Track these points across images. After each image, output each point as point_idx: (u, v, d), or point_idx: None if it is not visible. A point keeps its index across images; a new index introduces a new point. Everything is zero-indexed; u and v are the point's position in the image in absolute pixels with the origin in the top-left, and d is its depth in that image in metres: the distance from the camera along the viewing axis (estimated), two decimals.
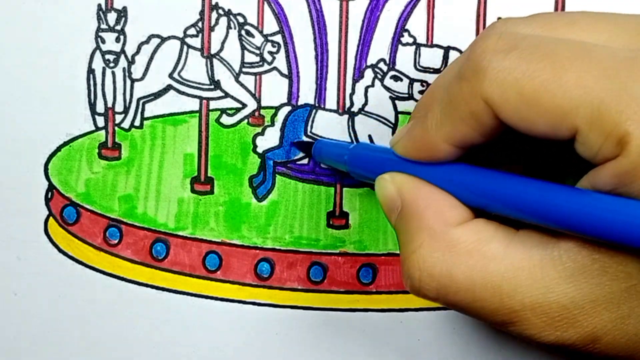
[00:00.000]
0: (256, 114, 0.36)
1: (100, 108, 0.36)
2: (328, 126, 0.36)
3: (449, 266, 0.25)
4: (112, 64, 0.36)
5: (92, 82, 0.36)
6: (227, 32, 0.36)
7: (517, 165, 0.28)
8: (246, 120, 0.37)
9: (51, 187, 0.37)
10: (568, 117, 0.21)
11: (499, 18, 0.35)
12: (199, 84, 0.36)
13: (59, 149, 0.37)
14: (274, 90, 0.36)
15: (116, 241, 0.37)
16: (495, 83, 0.23)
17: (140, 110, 0.36)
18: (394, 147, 0.28)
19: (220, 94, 0.36)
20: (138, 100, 0.36)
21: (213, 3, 0.36)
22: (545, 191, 0.23)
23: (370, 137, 0.36)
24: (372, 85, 0.36)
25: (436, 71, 0.36)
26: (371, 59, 0.36)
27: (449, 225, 0.25)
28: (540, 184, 0.23)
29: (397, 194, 0.27)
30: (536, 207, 0.23)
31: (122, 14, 0.36)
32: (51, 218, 0.37)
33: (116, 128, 0.37)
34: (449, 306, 0.26)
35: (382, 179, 0.28)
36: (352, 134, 0.36)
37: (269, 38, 0.36)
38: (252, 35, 0.36)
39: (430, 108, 0.26)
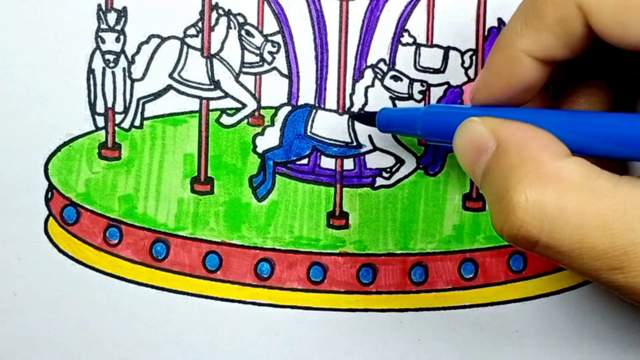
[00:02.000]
0: (256, 114, 0.36)
1: (100, 108, 0.36)
2: (328, 126, 0.36)
3: (559, 198, 0.23)
4: (112, 64, 0.36)
5: (92, 82, 0.36)
6: (227, 32, 0.36)
7: (600, 97, 0.27)
8: (246, 120, 0.37)
9: (51, 187, 0.37)
10: None
11: (499, 19, 0.35)
12: (199, 84, 0.36)
13: (59, 149, 0.37)
14: (274, 90, 0.36)
15: (116, 241, 0.37)
16: None
17: (140, 110, 0.36)
18: (474, 95, 0.27)
19: (220, 94, 0.36)
20: (138, 100, 0.36)
21: (213, 3, 0.36)
22: None
23: (370, 137, 0.36)
24: (372, 85, 0.36)
25: (436, 71, 0.36)
26: (371, 59, 0.36)
27: (555, 156, 0.23)
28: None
29: (489, 134, 0.25)
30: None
31: (122, 14, 0.36)
32: (51, 218, 0.37)
33: (116, 128, 0.37)
34: (548, 249, 0.23)
35: (471, 120, 0.26)
36: (352, 134, 0.36)
37: (269, 38, 0.36)
38: (252, 35, 0.36)
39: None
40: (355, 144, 0.36)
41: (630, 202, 0.22)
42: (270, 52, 0.36)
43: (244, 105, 0.36)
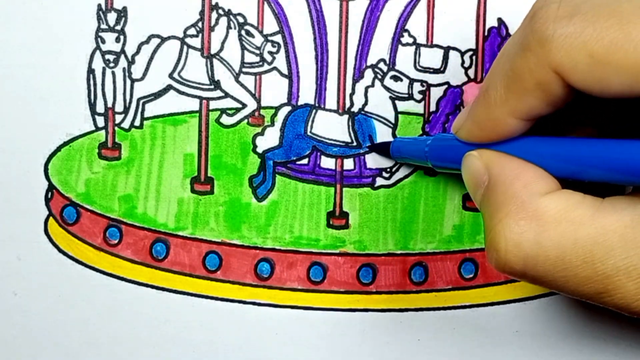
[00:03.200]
0: (256, 114, 0.36)
1: (100, 108, 0.36)
2: (328, 126, 0.36)
3: (537, 234, 0.24)
4: (112, 64, 0.36)
5: (92, 82, 0.36)
6: (227, 32, 0.36)
7: (585, 129, 0.28)
8: (246, 120, 0.37)
9: (51, 187, 0.37)
10: None
11: (499, 19, 0.35)
12: (199, 84, 0.36)
13: (59, 149, 0.37)
14: (274, 90, 0.36)
15: (116, 241, 0.37)
16: (563, 50, 0.22)
17: (140, 110, 0.36)
18: (457, 134, 0.28)
19: (220, 94, 0.36)
20: (138, 100, 0.36)
21: (213, 3, 0.36)
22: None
23: (370, 137, 0.36)
24: (372, 85, 0.36)
25: (436, 71, 0.36)
26: (371, 59, 0.36)
27: (536, 195, 0.25)
28: (629, 142, 0.23)
29: (484, 169, 0.27)
30: (632, 165, 0.22)
31: (122, 14, 0.36)
32: (51, 218, 0.37)
33: (116, 128, 0.37)
34: (535, 281, 0.25)
35: (470, 155, 0.27)
36: (352, 134, 0.36)
37: (269, 38, 0.36)
38: (252, 35, 0.36)
39: (491, 85, 0.25)
40: (355, 144, 0.36)
41: (610, 226, 0.23)
42: (270, 52, 0.36)
43: (244, 105, 0.36)
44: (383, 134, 0.36)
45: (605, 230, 0.23)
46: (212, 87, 0.36)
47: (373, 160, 0.36)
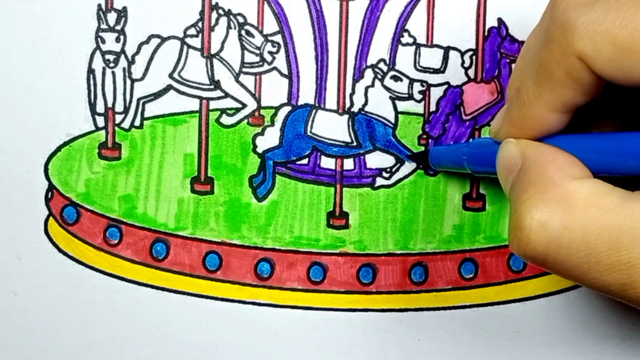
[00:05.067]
0: (256, 114, 0.36)
1: (100, 108, 0.36)
2: (328, 126, 0.36)
3: (564, 215, 0.23)
4: (112, 64, 0.36)
5: (92, 82, 0.36)
6: (227, 32, 0.36)
7: (613, 125, 0.28)
8: (246, 120, 0.37)
9: (51, 187, 0.37)
10: None
11: (499, 19, 0.35)
12: (199, 84, 0.36)
13: (59, 149, 0.36)
14: (274, 90, 0.36)
15: (116, 241, 0.37)
16: (587, 37, 0.22)
17: (140, 110, 0.36)
18: (496, 137, 0.28)
19: (220, 94, 0.36)
20: (138, 100, 0.36)
21: (213, 3, 0.36)
22: None
23: (370, 136, 0.36)
24: (372, 85, 0.36)
25: (436, 71, 0.36)
26: (371, 59, 0.36)
27: (567, 178, 0.24)
28: None
29: (518, 154, 0.26)
30: None
31: (122, 14, 0.36)
32: (51, 218, 0.37)
33: (116, 128, 0.37)
34: (556, 265, 0.24)
35: (507, 141, 0.27)
36: (352, 134, 0.36)
37: (269, 38, 0.36)
38: (252, 35, 0.36)
39: (522, 82, 0.25)
40: (355, 144, 0.36)
41: (638, 215, 0.23)
42: (270, 52, 0.36)
43: (244, 105, 0.36)
44: (383, 133, 0.36)
45: (633, 220, 0.23)
46: (212, 87, 0.36)
47: (373, 160, 0.36)
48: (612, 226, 0.23)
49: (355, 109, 0.36)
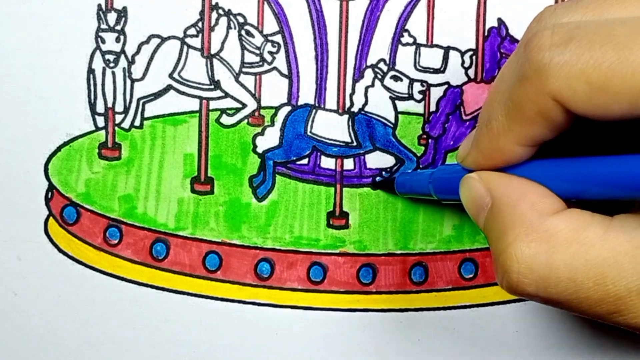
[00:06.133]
0: (256, 114, 0.36)
1: (100, 108, 0.36)
2: (328, 126, 0.36)
3: (548, 256, 0.24)
4: (112, 64, 0.36)
5: (92, 82, 0.36)
6: (227, 32, 0.36)
7: (584, 149, 0.28)
8: (246, 120, 0.37)
9: (51, 187, 0.37)
10: None
11: (499, 19, 0.35)
12: (199, 84, 0.36)
13: (59, 149, 0.37)
14: (274, 90, 0.36)
15: (116, 241, 0.37)
16: (561, 78, 0.22)
17: (140, 110, 0.36)
18: (463, 163, 0.28)
19: (220, 94, 0.36)
20: (138, 100, 0.36)
21: (213, 3, 0.36)
22: None
23: (370, 136, 0.36)
24: (372, 85, 0.36)
25: (436, 71, 0.36)
26: (371, 59, 0.36)
27: (544, 215, 0.24)
28: (630, 157, 0.22)
29: (485, 191, 0.26)
30: (635, 179, 0.22)
31: (122, 14, 0.36)
32: (51, 218, 0.37)
33: (116, 128, 0.37)
34: (548, 302, 0.25)
35: (469, 177, 0.27)
36: (352, 134, 0.36)
37: (269, 38, 0.36)
38: (252, 35, 0.36)
39: (493, 113, 0.26)
40: (355, 144, 0.36)
41: (621, 247, 0.23)
42: (270, 52, 0.36)
43: (244, 105, 0.36)
44: (383, 133, 0.36)
45: (615, 252, 0.23)
46: (212, 87, 0.36)
47: (373, 160, 0.36)
48: (596, 261, 0.23)
49: (355, 109, 0.36)
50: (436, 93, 0.36)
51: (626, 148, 0.26)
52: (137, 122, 0.37)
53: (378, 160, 0.36)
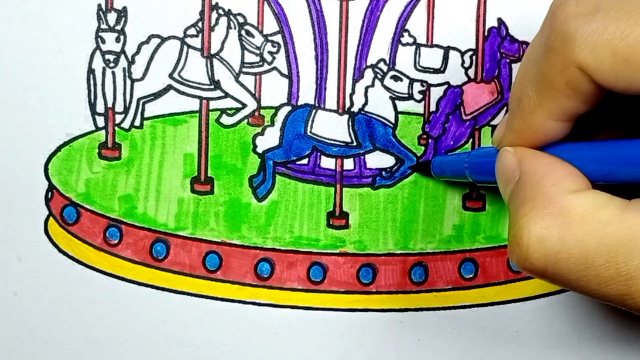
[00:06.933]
0: (256, 114, 0.36)
1: (100, 108, 0.36)
2: (328, 126, 0.36)
3: (562, 230, 0.24)
4: (112, 64, 0.36)
5: (92, 82, 0.36)
6: (227, 32, 0.36)
7: (614, 132, 0.28)
8: (246, 120, 0.37)
9: (51, 187, 0.37)
10: None
11: (499, 19, 0.35)
12: (199, 84, 0.36)
13: (59, 149, 0.37)
14: (274, 90, 0.36)
15: (116, 241, 0.37)
16: (587, 48, 0.22)
17: (140, 110, 0.36)
18: (499, 146, 0.28)
19: (220, 94, 0.36)
20: (138, 100, 0.36)
21: (213, 3, 0.36)
22: None
23: (370, 136, 0.36)
24: (372, 85, 0.36)
25: (436, 71, 0.36)
26: (371, 59, 0.36)
27: (565, 192, 0.24)
28: None
29: (516, 164, 0.26)
30: None
31: (122, 14, 0.36)
32: (51, 218, 0.37)
33: (116, 128, 0.37)
34: (556, 279, 0.24)
35: (504, 150, 0.27)
36: (352, 134, 0.36)
37: (269, 38, 0.36)
38: (252, 35, 0.36)
39: (523, 91, 0.25)
40: (355, 144, 0.36)
41: (636, 227, 0.23)
42: (270, 52, 0.36)
43: (244, 105, 0.36)
44: (383, 133, 0.36)
45: (630, 231, 0.23)
46: (212, 87, 0.36)
47: (373, 160, 0.36)
48: (609, 239, 0.23)
49: (355, 109, 0.36)
50: (436, 93, 0.36)
51: None
52: (137, 122, 0.37)
53: (378, 160, 0.36)
